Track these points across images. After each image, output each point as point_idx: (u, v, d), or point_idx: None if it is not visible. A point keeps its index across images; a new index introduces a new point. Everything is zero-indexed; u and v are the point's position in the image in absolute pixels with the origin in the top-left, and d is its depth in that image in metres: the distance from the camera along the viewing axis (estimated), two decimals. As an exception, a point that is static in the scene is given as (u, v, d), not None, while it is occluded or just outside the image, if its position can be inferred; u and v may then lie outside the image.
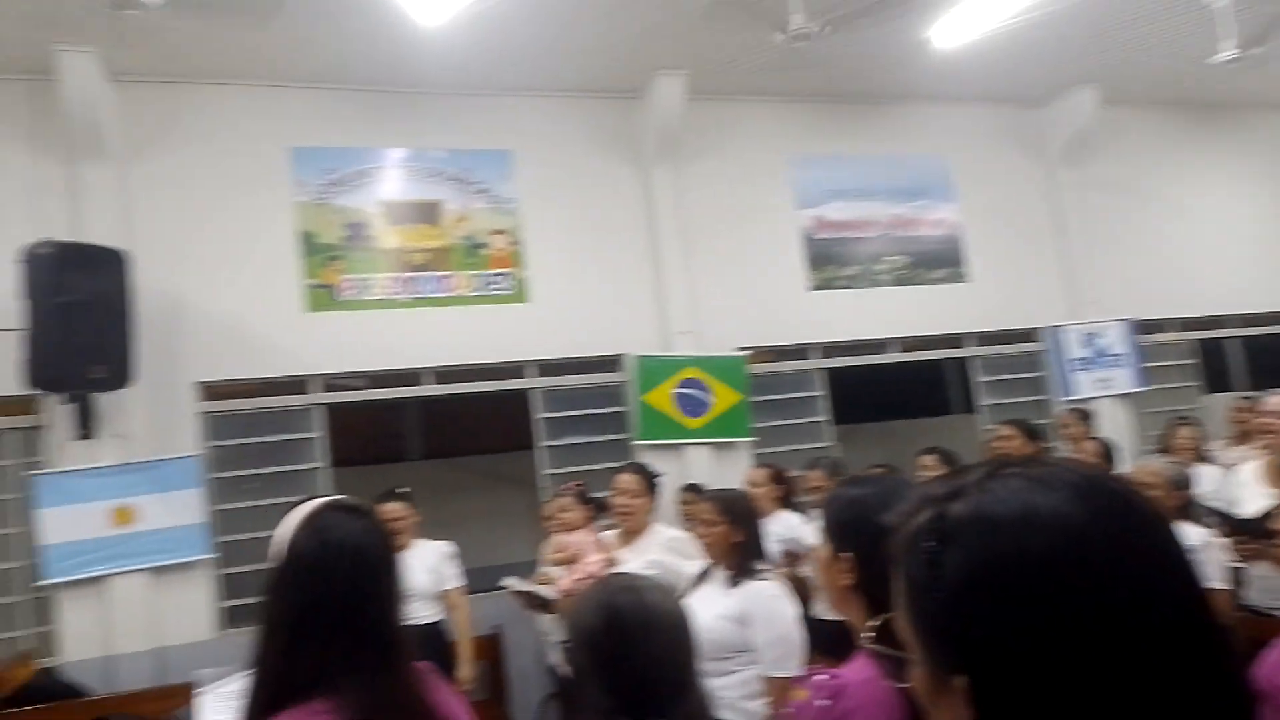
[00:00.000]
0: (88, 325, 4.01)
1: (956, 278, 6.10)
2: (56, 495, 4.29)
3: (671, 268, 5.40)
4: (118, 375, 4.16)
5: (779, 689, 2.20)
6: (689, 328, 5.38)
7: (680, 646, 1.31)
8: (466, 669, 3.97)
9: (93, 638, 4.30)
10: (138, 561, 4.38)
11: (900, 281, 5.98)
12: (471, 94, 5.15)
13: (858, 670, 1.21)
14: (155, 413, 4.51)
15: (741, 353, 5.45)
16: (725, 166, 5.68)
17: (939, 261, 6.07)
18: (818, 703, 1.20)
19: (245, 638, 4.08)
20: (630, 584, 1.37)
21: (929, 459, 4.36)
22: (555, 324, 5.22)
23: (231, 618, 4.61)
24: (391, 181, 5.04)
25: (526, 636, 4.60)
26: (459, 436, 7.08)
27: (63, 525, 4.27)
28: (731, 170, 5.69)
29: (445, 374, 5.14)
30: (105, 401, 4.31)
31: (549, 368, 5.32)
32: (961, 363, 6.40)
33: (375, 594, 1.34)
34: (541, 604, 3.36)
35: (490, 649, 4.56)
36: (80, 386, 4.16)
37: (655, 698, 1.25)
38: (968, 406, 6.49)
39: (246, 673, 1.35)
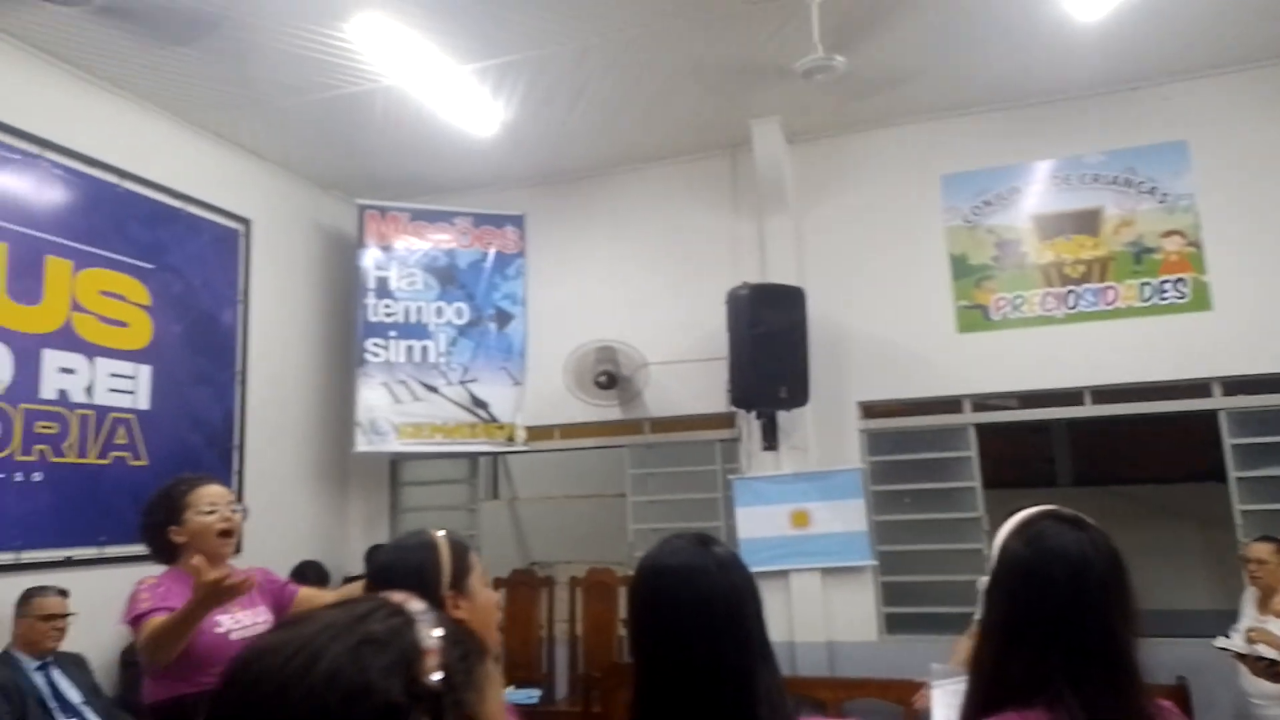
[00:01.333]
0: (774, 353, 4.61)
1: None
2: (749, 496, 5.01)
3: None
4: (796, 395, 4.71)
5: None
6: None
7: None
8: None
9: (779, 624, 4.89)
10: (811, 561, 4.86)
11: None
12: (1134, 87, 4.68)
13: None
14: (824, 429, 5.01)
15: None
16: None
17: None
18: None
19: (904, 645, 4.28)
20: None
21: None
22: (1248, 333, 4.41)
23: (892, 624, 4.88)
24: (1043, 195, 4.84)
25: (1223, 693, 3.96)
26: (1116, 462, 6.43)
27: (754, 523, 4.96)
28: None
29: (1104, 394, 4.72)
30: (785, 418, 4.94)
31: (1240, 385, 4.51)
32: None
33: (1098, 607, 1.29)
34: (1273, 670, 2.81)
35: (1174, 701, 4.01)
36: (768, 405, 4.78)
37: None
38: None
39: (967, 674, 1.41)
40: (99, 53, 4.10)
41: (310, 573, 4.84)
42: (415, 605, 0.70)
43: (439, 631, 0.68)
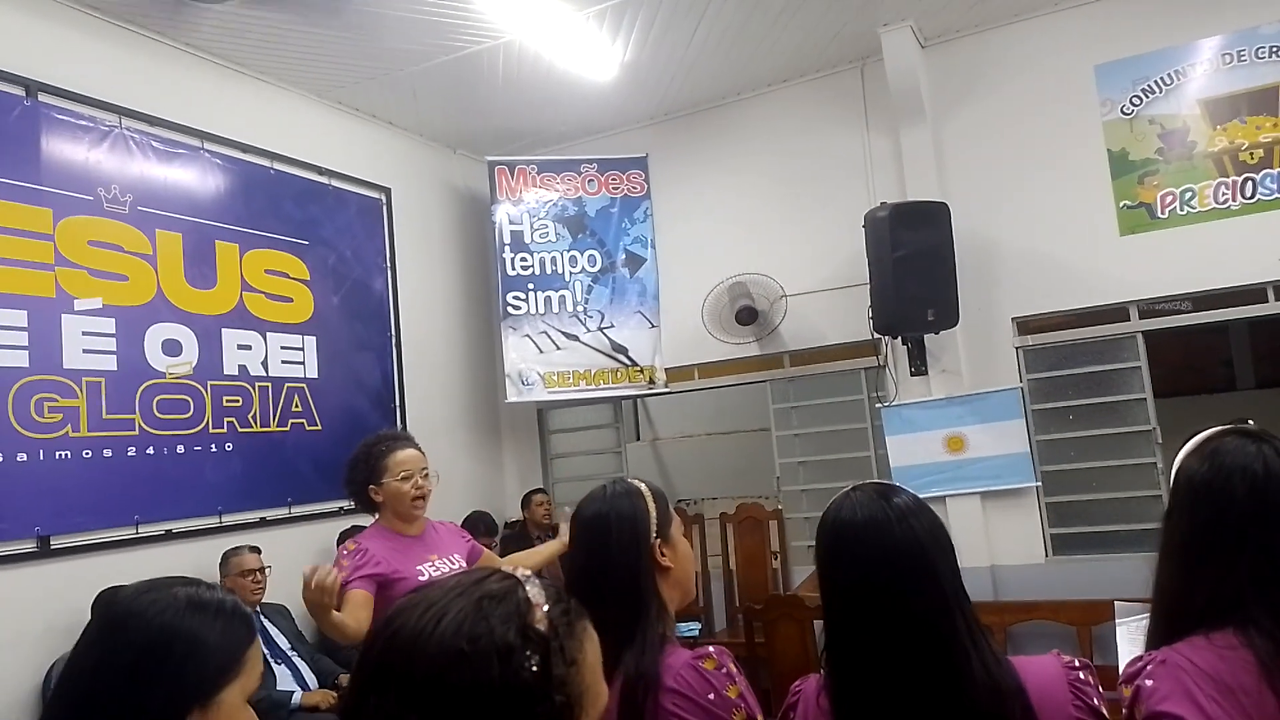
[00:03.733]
0: (918, 275, 4.41)
1: None
2: (899, 424, 4.89)
3: None
4: (945, 317, 4.52)
5: None
6: None
7: None
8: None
9: (937, 549, 4.84)
10: (969, 485, 4.72)
11: None
12: (1318, -60, 4.17)
13: None
14: (976, 349, 4.81)
15: None
16: None
17: None
18: None
19: (1074, 566, 4.11)
20: None
21: None
22: None
23: (1059, 545, 4.71)
24: (1211, 76, 4.39)
25: None
26: (1305, 362, 5.92)
27: (906, 450, 4.85)
28: None
29: (1288, 288, 4.33)
30: (933, 341, 4.78)
31: None
32: None
33: None
34: None
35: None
36: (914, 329, 4.62)
37: None
38: None
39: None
40: (243, 45, 4.30)
41: (480, 522, 5.10)
42: (523, 571, 0.83)
43: (543, 591, 0.81)
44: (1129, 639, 1.99)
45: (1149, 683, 1.19)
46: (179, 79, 4.22)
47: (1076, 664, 1.30)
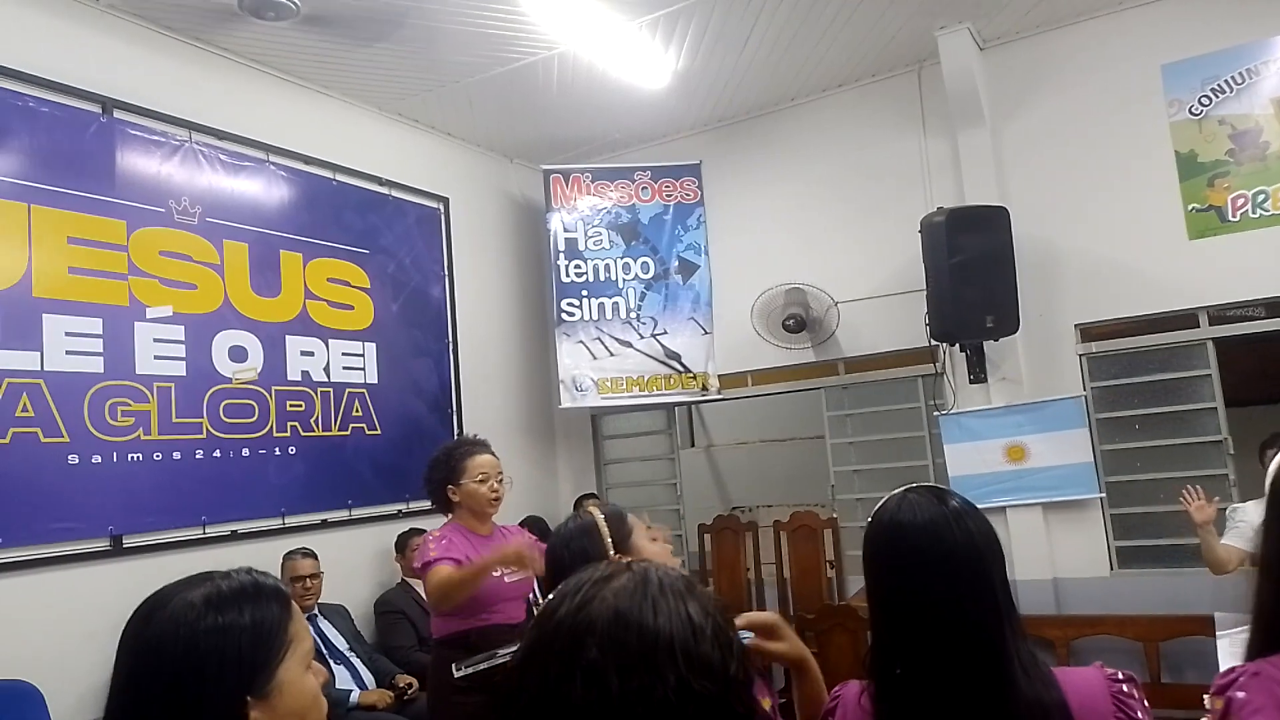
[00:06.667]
0: (977, 280, 4.34)
1: None
2: (957, 433, 4.81)
3: None
4: (1004, 324, 4.43)
5: None
6: None
7: None
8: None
9: (996, 561, 4.74)
10: (1030, 496, 4.62)
11: None
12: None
13: None
14: (1037, 356, 4.71)
15: None
16: None
17: None
18: None
19: (1140, 579, 3.97)
20: None
21: None
22: None
23: (1125, 558, 4.57)
24: (1285, 73, 4.26)
25: None
26: (1391, 371, 5.63)
27: (964, 459, 4.76)
28: None
29: (1375, 294, 4.15)
30: (993, 348, 4.68)
31: None
32: None
33: None
34: None
35: None
36: (972, 336, 4.53)
37: None
38: None
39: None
40: (306, 60, 4.44)
41: (535, 527, 5.14)
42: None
43: None
44: (1230, 652, 1.93)
45: (1240, 694, 1.16)
46: (246, 94, 4.37)
47: (1120, 676, 1.28)
